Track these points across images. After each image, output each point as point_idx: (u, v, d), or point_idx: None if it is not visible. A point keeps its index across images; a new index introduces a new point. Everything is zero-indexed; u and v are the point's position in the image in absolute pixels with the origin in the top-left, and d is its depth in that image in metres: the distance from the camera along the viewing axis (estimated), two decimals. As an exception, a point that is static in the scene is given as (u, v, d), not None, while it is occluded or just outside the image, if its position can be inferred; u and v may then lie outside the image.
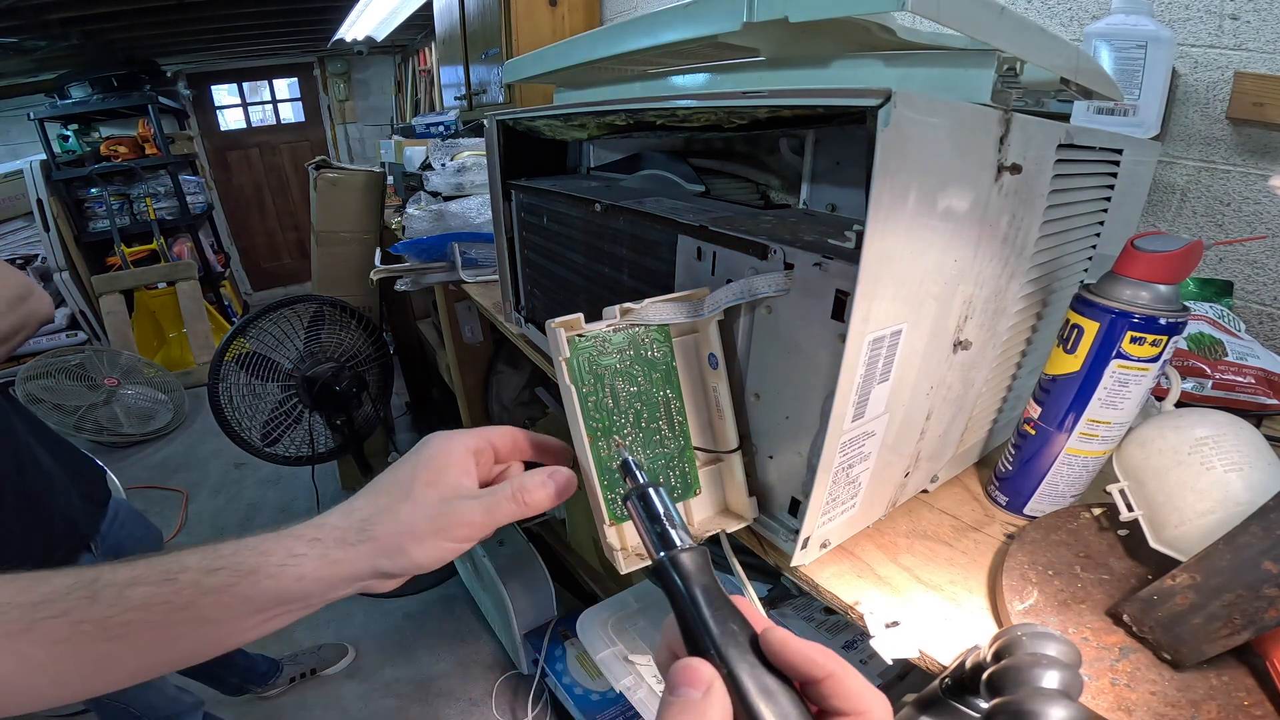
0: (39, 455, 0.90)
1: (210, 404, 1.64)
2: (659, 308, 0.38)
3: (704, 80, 0.56)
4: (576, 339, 0.35)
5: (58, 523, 0.91)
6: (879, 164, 0.29)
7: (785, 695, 0.21)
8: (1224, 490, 0.37)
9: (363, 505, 0.32)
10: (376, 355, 1.89)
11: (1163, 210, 0.79)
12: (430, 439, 0.34)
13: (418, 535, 0.31)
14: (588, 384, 0.36)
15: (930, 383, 0.41)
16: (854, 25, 0.37)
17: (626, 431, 0.37)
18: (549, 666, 1.38)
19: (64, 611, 0.28)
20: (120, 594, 0.29)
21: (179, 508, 2.32)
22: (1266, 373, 0.59)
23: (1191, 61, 0.73)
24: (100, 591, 0.29)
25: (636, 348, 0.37)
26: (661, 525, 0.26)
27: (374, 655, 1.68)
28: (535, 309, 0.78)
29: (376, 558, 0.31)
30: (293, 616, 0.32)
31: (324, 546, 0.31)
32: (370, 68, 4.45)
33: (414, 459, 0.33)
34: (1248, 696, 0.32)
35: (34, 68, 3.11)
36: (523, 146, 0.72)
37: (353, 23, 3.19)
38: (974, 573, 0.44)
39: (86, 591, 0.29)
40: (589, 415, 0.36)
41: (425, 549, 0.31)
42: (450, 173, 1.40)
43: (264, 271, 4.76)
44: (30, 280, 0.80)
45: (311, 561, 0.30)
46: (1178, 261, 0.39)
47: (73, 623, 0.28)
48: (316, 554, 0.30)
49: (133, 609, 0.29)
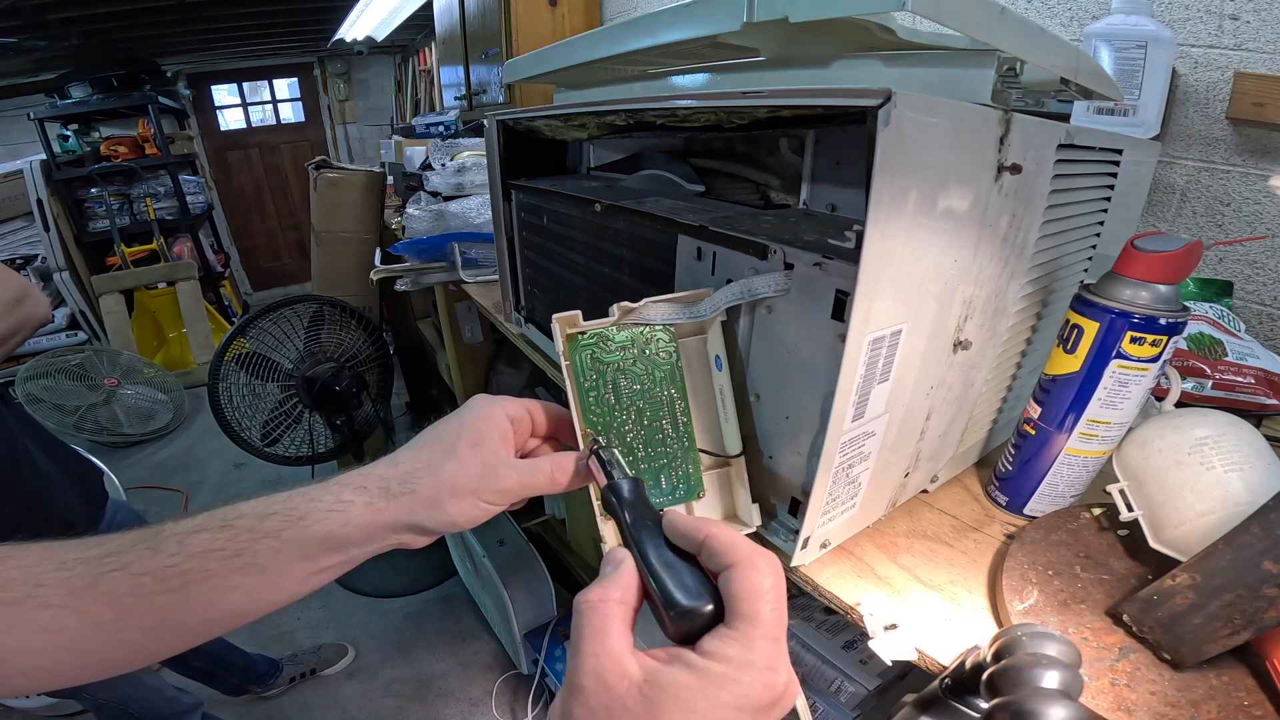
0: (35, 456, 0.90)
1: (210, 404, 1.64)
2: (658, 307, 0.38)
3: (704, 80, 0.56)
4: (578, 335, 0.36)
5: (55, 523, 0.91)
6: (879, 164, 0.29)
7: (684, 566, 0.26)
8: (1224, 490, 0.37)
9: (407, 458, 0.33)
10: (376, 355, 1.89)
11: (1163, 210, 0.79)
12: (475, 401, 0.35)
13: (457, 492, 0.32)
14: (589, 379, 0.36)
15: (930, 383, 0.41)
16: (854, 25, 0.37)
17: (628, 429, 0.37)
18: (549, 666, 1.38)
19: (126, 564, 0.29)
20: (181, 542, 0.30)
21: (179, 508, 2.32)
22: (1266, 373, 0.59)
23: (1191, 62, 0.73)
24: (163, 542, 0.30)
25: (640, 346, 0.38)
26: (609, 469, 0.32)
27: (374, 655, 1.68)
28: (535, 309, 0.78)
29: (416, 510, 0.32)
30: (335, 570, 0.33)
31: (369, 494, 0.32)
32: (370, 68, 4.45)
33: (459, 419, 0.34)
34: (1247, 696, 0.32)
35: (34, 68, 3.11)
36: (523, 146, 0.72)
37: (353, 23, 3.19)
38: (974, 573, 0.44)
39: (150, 543, 0.30)
40: (589, 409, 0.36)
41: (462, 507, 0.32)
42: (450, 173, 1.40)
43: (264, 271, 4.76)
44: (28, 282, 0.80)
45: (357, 508, 0.31)
46: (1178, 261, 0.39)
47: (133, 575, 0.29)
48: (362, 501, 0.32)
49: (191, 556, 0.30)
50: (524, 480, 0.33)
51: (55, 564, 0.29)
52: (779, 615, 0.24)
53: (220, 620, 0.32)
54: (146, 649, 0.31)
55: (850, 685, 0.72)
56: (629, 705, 0.22)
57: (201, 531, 0.31)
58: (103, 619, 0.29)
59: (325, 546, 0.31)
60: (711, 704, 0.22)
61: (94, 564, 0.29)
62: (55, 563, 0.29)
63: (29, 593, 0.28)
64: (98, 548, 0.30)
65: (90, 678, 0.30)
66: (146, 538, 0.30)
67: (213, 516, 0.31)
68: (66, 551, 0.30)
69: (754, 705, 0.22)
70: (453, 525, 0.33)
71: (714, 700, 0.22)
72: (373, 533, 0.32)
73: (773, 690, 0.22)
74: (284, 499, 0.32)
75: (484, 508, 0.33)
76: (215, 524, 0.31)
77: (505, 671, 1.58)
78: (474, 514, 0.33)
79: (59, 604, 0.28)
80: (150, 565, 0.29)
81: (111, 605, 0.29)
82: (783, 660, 0.23)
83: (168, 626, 0.30)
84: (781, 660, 0.23)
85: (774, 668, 0.23)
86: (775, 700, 0.23)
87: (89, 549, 0.30)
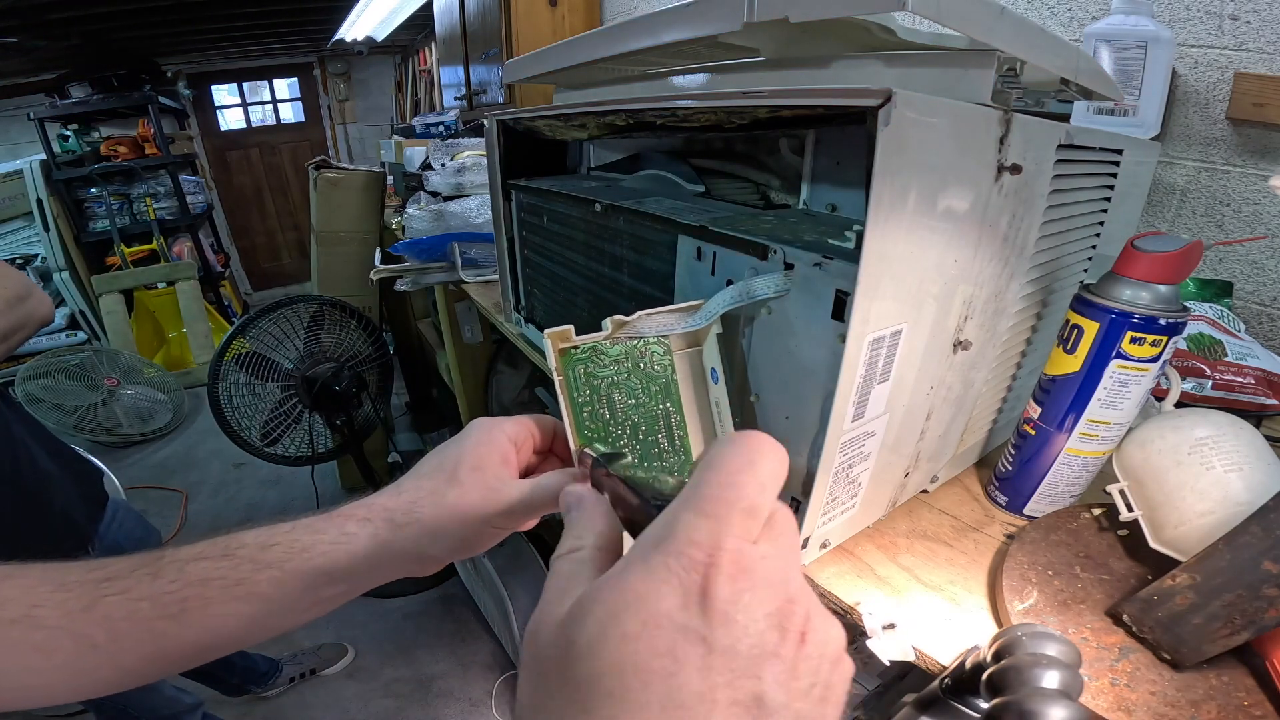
0: (36, 455, 0.90)
1: (210, 404, 1.64)
2: (652, 320, 0.38)
3: (704, 80, 0.56)
4: (571, 350, 0.35)
5: (57, 522, 0.91)
6: (879, 164, 0.29)
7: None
8: (1224, 490, 0.37)
9: (410, 487, 0.33)
10: (376, 355, 1.89)
11: (1163, 210, 0.79)
12: (474, 425, 0.35)
13: (462, 519, 0.31)
14: (583, 394, 0.36)
15: (930, 383, 0.41)
16: (854, 25, 0.37)
17: (623, 444, 0.37)
18: (549, 666, 1.38)
19: (125, 589, 0.29)
20: (181, 569, 0.30)
21: (179, 508, 2.32)
22: (1266, 373, 0.59)
23: (1191, 62, 0.73)
24: (163, 568, 0.30)
25: (634, 360, 0.37)
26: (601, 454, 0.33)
27: (374, 655, 1.68)
28: (535, 309, 0.78)
29: (421, 540, 0.31)
30: (339, 600, 0.33)
31: (373, 526, 0.31)
32: (370, 68, 4.45)
33: (459, 444, 0.33)
34: (1247, 697, 0.32)
35: (34, 68, 3.11)
36: (523, 146, 0.72)
37: (353, 23, 3.19)
38: (974, 573, 0.44)
39: (150, 569, 0.30)
40: (583, 425, 0.35)
41: (467, 533, 0.32)
42: (450, 173, 1.40)
43: (264, 271, 4.76)
44: (30, 281, 0.80)
45: (362, 541, 0.31)
46: (1178, 262, 0.39)
47: (132, 600, 0.29)
48: (366, 533, 0.31)
49: (191, 584, 0.30)
50: (528, 500, 0.32)
51: (54, 585, 0.29)
52: (729, 482, 0.18)
53: (218, 646, 0.31)
54: (141, 672, 0.31)
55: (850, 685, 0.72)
56: (548, 650, 0.18)
57: (202, 559, 0.30)
58: (98, 641, 0.29)
59: (330, 578, 0.31)
60: (609, 603, 0.17)
61: (92, 587, 0.29)
62: (55, 584, 0.29)
63: (26, 612, 0.28)
64: (98, 570, 0.30)
65: (84, 696, 0.30)
66: (147, 563, 0.30)
67: (214, 545, 0.31)
68: (67, 574, 0.30)
69: (673, 595, 0.16)
70: (460, 552, 0.32)
71: (610, 598, 0.17)
72: (377, 564, 0.31)
73: (687, 570, 0.16)
74: (287, 530, 0.32)
75: (491, 532, 0.32)
76: (217, 552, 0.31)
77: (505, 671, 1.58)
78: (481, 539, 0.32)
79: (54, 625, 0.28)
80: (149, 591, 0.29)
81: (107, 629, 0.29)
82: (720, 535, 0.17)
83: (164, 651, 0.30)
84: (726, 538, 0.17)
85: (694, 541, 0.17)
86: (699, 586, 0.16)
87: (89, 571, 0.30)
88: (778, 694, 0.16)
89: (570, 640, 0.17)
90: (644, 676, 0.15)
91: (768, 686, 0.16)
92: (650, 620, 0.16)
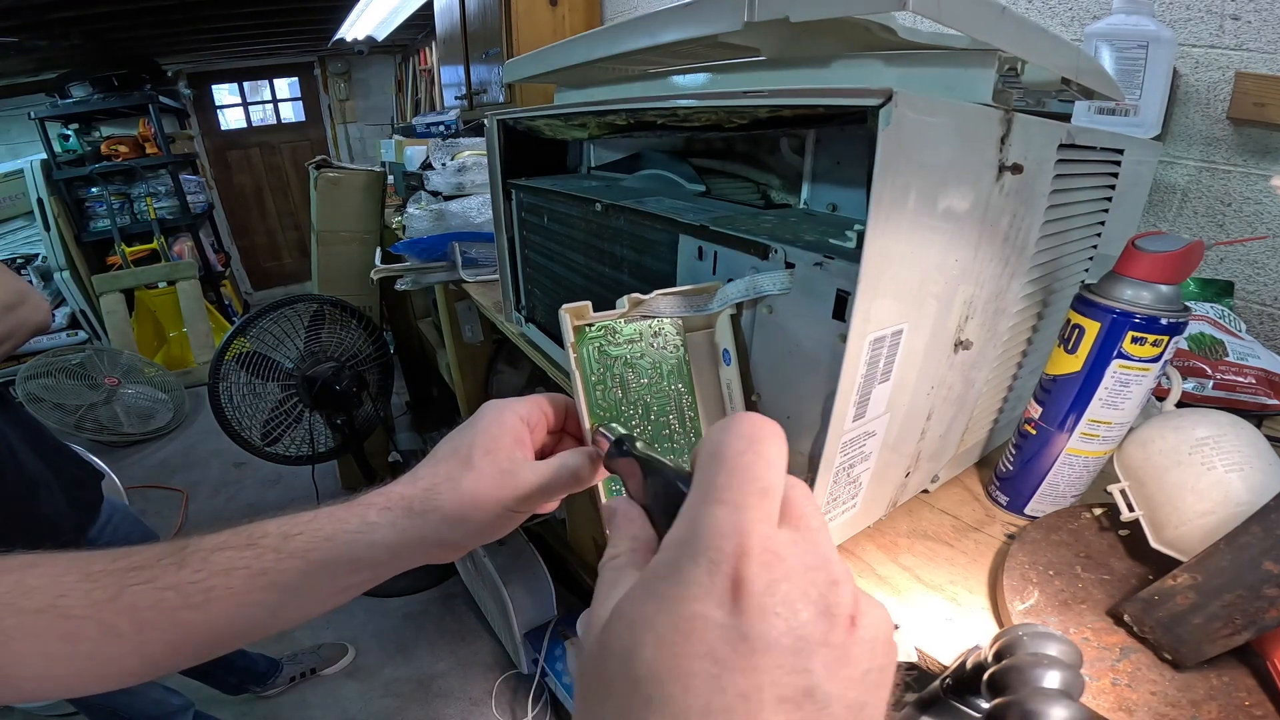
0: (22, 459, 0.87)
1: (210, 403, 1.64)
2: (667, 300, 0.38)
3: (704, 80, 0.56)
4: (585, 327, 0.35)
5: (40, 527, 0.89)
6: (880, 164, 0.29)
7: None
8: (1224, 490, 0.37)
9: (426, 474, 0.33)
10: (376, 355, 1.89)
11: (1164, 210, 0.79)
12: (485, 408, 0.34)
13: (479, 504, 0.31)
14: (596, 373, 0.36)
15: (931, 383, 0.41)
16: (854, 25, 0.37)
17: (635, 424, 0.37)
18: (549, 666, 1.38)
19: (151, 578, 0.29)
20: (206, 559, 0.30)
21: (179, 507, 2.32)
22: (1267, 373, 0.59)
23: (1192, 62, 0.73)
24: (188, 558, 0.30)
25: (647, 339, 0.37)
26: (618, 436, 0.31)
27: (374, 655, 1.68)
28: (535, 308, 0.78)
29: (440, 526, 0.31)
30: (362, 587, 0.33)
31: (393, 515, 0.31)
32: (370, 67, 4.45)
33: (471, 428, 0.33)
34: (1248, 697, 0.32)
35: (34, 67, 3.11)
36: (523, 146, 0.72)
37: (353, 22, 3.19)
38: (974, 573, 0.44)
39: (175, 558, 0.30)
40: (595, 404, 0.35)
41: (487, 517, 0.32)
42: (450, 172, 1.40)
43: (264, 271, 4.76)
44: (26, 287, 0.79)
45: (383, 530, 0.31)
46: (1179, 261, 0.39)
47: (158, 589, 0.29)
48: (387, 522, 0.31)
49: (215, 573, 0.30)
50: (544, 481, 0.32)
51: (80, 574, 0.29)
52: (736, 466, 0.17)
53: (241, 635, 0.32)
54: (165, 661, 0.31)
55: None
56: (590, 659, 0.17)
57: (226, 549, 0.31)
58: (123, 631, 0.29)
59: (353, 567, 0.31)
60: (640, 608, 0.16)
61: (119, 576, 0.29)
62: (81, 573, 0.29)
63: (52, 601, 0.28)
64: (124, 559, 0.30)
65: (109, 687, 0.30)
66: (172, 552, 0.30)
67: (238, 534, 0.31)
68: (93, 563, 0.30)
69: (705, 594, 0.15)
70: (480, 537, 0.32)
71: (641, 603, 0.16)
72: (399, 552, 0.32)
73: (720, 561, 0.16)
74: (309, 519, 0.32)
75: (510, 516, 0.32)
76: (240, 542, 0.31)
77: (505, 671, 1.58)
78: (500, 523, 0.32)
79: (81, 614, 0.28)
80: (174, 580, 0.30)
81: (133, 618, 0.29)
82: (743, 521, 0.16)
83: (188, 640, 0.30)
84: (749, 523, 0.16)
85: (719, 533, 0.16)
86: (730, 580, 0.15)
87: (115, 560, 0.30)
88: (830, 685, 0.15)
89: (607, 647, 0.17)
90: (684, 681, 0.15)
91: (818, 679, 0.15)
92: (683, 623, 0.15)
